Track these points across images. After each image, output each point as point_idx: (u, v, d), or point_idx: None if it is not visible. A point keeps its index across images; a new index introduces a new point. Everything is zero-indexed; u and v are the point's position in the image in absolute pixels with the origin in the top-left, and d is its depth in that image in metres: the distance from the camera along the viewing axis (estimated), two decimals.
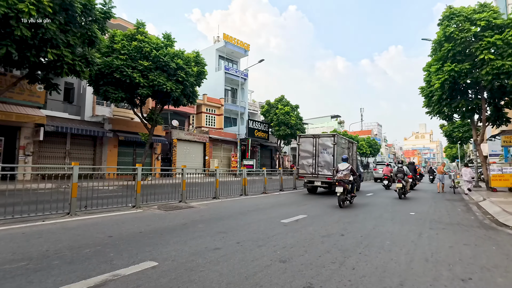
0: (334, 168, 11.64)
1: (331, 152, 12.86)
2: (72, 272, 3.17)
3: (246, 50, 35.58)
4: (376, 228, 5.97)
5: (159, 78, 15.93)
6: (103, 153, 20.10)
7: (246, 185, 11.84)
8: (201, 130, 29.01)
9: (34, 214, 5.90)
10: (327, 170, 12.80)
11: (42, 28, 10.39)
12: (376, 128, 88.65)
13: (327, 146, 13.08)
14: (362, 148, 51.04)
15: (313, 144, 13.43)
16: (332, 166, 12.49)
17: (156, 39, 17.11)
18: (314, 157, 13.27)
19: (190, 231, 5.26)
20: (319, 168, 13.09)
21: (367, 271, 3.46)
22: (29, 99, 15.73)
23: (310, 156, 13.41)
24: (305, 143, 13.76)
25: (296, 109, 32.60)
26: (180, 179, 9.26)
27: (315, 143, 13.41)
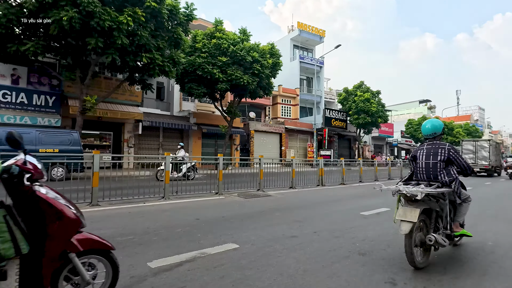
0: (490, 160, 18.64)
1: (487, 150, 19.45)
2: (167, 248, 3.64)
3: (321, 36, 34.44)
4: (475, 227, 5.23)
5: (236, 73, 16.65)
6: (189, 144, 22.10)
7: (323, 176, 11.63)
8: (277, 121, 29.39)
9: (137, 197, 6.91)
10: (484, 161, 19.37)
11: (137, 36, 11.85)
12: (477, 112, 76.64)
13: (484, 146, 19.66)
14: (459, 136, 44.78)
15: (473, 145, 20.16)
16: (488, 159, 19.14)
17: (233, 35, 17.87)
18: (474, 153, 19.95)
19: (268, 218, 5.46)
20: (478, 160, 19.69)
21: (462, 273, 3.10)
22: (129, 98, 18.21)
23: (471, 152, 19.97)
24: (467, 145, 20.61)
25: (377, 95, 30.42)
26: (257, 168, 9.62)
27: (475, 145, 20.25)
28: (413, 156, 3.74)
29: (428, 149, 3.55)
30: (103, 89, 16.68)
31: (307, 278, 2.85)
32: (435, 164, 3.45)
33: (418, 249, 3.21)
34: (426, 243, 3.19)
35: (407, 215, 3.07)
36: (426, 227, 3.29)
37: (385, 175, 16.07)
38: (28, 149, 2.04)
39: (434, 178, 3.45)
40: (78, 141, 11.55)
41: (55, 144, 10.89)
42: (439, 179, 3.39)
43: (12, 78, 14.57)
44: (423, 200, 3.14)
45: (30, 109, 14.92)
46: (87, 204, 6.18)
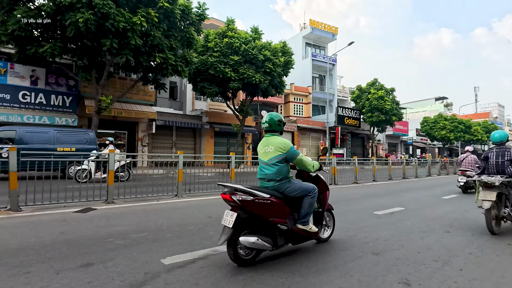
0: None
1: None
2: (180, 245, 3.69)
3: (334, 34, 34.07)
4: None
5: (248, 71, 16.67)
6: (202, 143, 22.29)
7: (336, 175, 11.53)
8: (289, 120, 29.28)
9: (151, 195, 7.03)
10: None
11: (150, 36, 12.03)
12: (497, 109, 74.18)
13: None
14: (477, 134, 43.49)
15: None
16: None
17: (245, 33, 17.89)
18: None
19: None
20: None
21: (479, 275, 3.02)
22: (143, 98, 18.51)
23: None
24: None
25: (391, 92, 29.90)
26: None
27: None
28: (485, 157, 5.08)
29: (497, 151, 4.94)
30: (117, 89, 17.02)
31: (320, 277, 2.84)
32: (503, 162, 4.83)
33: (493, 221, 4.60)
34: (500, 216, 4.69)
35: (487, 196, 4.50)
36: (497, 206, 4.68)
37: (400, 174, 15.79)
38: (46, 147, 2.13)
39: (502, 172, 4.80)
40: (94, 140, 11.82)
41: (72, 143, 11.18)
42: (506, 172, 4.75)
43: (31, 79, 15.04)
44: (498, 186, 4.56)
45: (49, 109, 15.37)
46: (103, 201, 6.33)
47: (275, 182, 3.29)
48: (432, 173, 18.43)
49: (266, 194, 3.12)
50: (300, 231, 3.30)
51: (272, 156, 3.35)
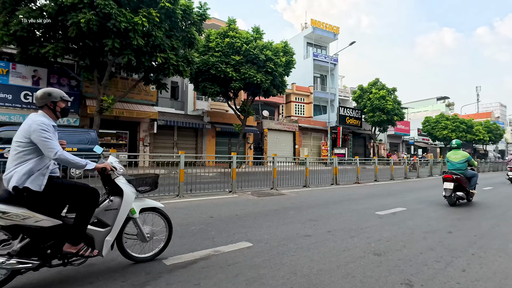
0: None
1: None
2: (182, 245, 3.69)
3: (335, 33, 34.01)
4: (496, 228, 5.08)
5: (250, 71, 16.66)
6: (203, 143, 22.29)
7: (337, 174, 11.51)
8: (291, 119, 29.26)
9: (152, 195, 7.02)
10: None
11: (152, 36, 12.03)
12: (499, 109, 73.81)
13: None
14: (479, 134, 43.33)
15: None
16: None
17: (246, 33, 17.87)
18: None
19: (282, 217, 5.45)
20: None
21: (482, 275, 3.01)
22: (145, 98, 18.53)
23: None
24: None
25: (393, 92, 29.82)
26: (271, 167, 9.61)
27: None
28: None
29: None
30: (119, 89, 17.04)
31: (322, 278, 2.84)
32: None
33: None
34: None
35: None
36: None
37: (402, 174, 15.75)
38: None
39: None
40: (95, 140, 11.84)
41: (74, 143, 11.19)
42: None
43: (33, 80, 15.07)
44: None
45: None
46: None
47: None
48: (434, 173, 18.36)
49: None
50: None
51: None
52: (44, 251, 2.49)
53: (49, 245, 2.51)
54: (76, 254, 2.57)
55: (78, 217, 2.59)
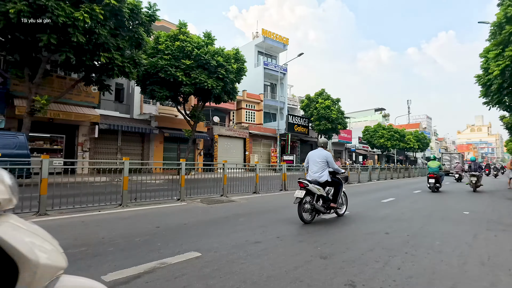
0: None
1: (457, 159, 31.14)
2: (124, 259, 3.43)
3: (285, 44, 35.28)
4: (425, 227, 5.63)
5: (201, 76, 16.43)
6: (150, 148, 21.32)
7: (286, 180, 11.82)
8: (241, 126, 29.46)
9: (91, 204, 6.47)
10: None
11: (95, 34, 11.23)
12: (425, 121, 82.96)
13: (455, 157, 31.66)
14: (410, 142, 48.11)
15: (449, 156, 32.28)
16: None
17: (197, 38, 17.64)
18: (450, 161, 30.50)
19: (232, 224, 5.40)
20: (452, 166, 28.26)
21: (415, 272, 3.29)
22: (85, 99, 17.16)
23: (448, 160, 30.87)
24: (445, 156, 32.54)
25: (337, 103, 31.70)
26: (221, 174, 9.51)
27: (450, 156, 32.26)
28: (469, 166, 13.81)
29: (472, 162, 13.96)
30: (55, 88, 15.54)
31: (271, 284, 2.85)
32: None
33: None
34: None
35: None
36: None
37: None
38: None
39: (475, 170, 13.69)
40: (25, 144, 10.60)
41: None
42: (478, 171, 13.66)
43: None
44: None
45: None
46: (34, 213, 5.66)
47: None
48: (372, 178, 19.87)
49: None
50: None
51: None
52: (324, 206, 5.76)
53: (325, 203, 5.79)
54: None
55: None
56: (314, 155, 6.21)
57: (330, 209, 6.00)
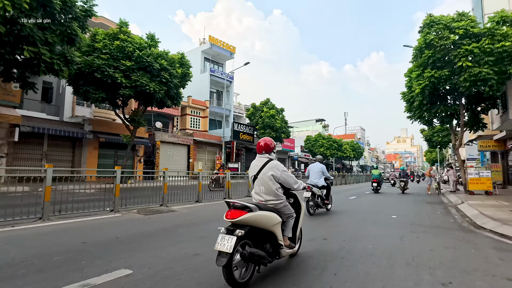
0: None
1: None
2: (38, 282, 2.97)
3: (232, 52, 35.52)
4: (359, 232, 5.97)
5: (142, 79, 15.59)
6: (83, 155, 19.48)
7: (230, 188, 11.69)
8: (186, 133, 28.65)
9: (3, 219, 5.57)
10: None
11: (18, 25, 9.97)
12: (360, 132, 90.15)
13: (387, 165, 76.01)
14: (346, 151, 51.70)
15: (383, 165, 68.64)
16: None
17: (140, 39, 16.79)
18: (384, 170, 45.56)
19: (170, 236, 5.10)
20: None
21: (349, 277, 3.41)
22: (3, 98, 15.05)
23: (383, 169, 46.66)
24: (380, 165, 61.88)
25: (281, 112, 32.76)
26: (162, 182, 9.03)
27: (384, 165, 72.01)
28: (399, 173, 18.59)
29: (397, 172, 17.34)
30: None
31: None
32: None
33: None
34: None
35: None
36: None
37: None
38: None
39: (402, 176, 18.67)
40: None
41: None
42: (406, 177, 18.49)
43: None
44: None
45: None
46: None
47: None
48: None
49: None
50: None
51: None
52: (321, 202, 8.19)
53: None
54: None
55: None
56: (314, 167, 8.44)
57: (324, 205, 8.35)
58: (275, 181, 3.53)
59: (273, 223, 3.29)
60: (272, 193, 3.48)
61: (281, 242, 3.40)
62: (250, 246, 3.07)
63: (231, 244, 2.81)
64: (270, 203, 3.47)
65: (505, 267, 3.84)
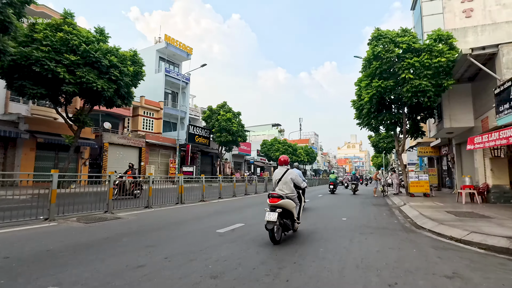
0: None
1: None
2: None
3: (188, 53, 34.73)
4: (312, 235, 6.03)
5: (89, 75, 14.47)
6: (17, 157, 17.48)
7: (183, 193, 11.25)
8: (137, 134, 27.23)
9: None
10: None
11: None
12: (313, 137, 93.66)
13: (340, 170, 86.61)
14: (301, 156, 53.24)
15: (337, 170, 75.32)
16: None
17: (87, 32, 15.59)
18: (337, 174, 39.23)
19: (111, 247, 4.66)
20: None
21: (301, 282, 3.36)
22: None
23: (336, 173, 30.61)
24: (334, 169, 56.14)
25: (238, 116, 32.68)
26: (107, 186, 8.35)
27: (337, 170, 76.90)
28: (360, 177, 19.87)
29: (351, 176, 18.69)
30: None
31: None
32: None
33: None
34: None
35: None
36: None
37: (243, 191, 17.11)
38: None
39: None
40: None
41: None
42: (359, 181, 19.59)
43: None
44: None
45: None
46: None
47: None
48: (268, 189, 20.95)
49: None
50: None
51: None
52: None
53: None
54: None
55: None
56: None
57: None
58: (293, 182, 5.62)
59: (293, 207, 5.49)
60: (290, 189, 5.55)
61: (296, 219, 5.71)
62: (281, 219, 5.22)
63: (275, 217, 4.91)
64: (289, 195, 5.50)
65: (443, 265, 4.09)
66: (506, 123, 9.94)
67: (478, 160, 13.68)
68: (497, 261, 4.37)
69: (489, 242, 5.16)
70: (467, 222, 7.07)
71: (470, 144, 10.76)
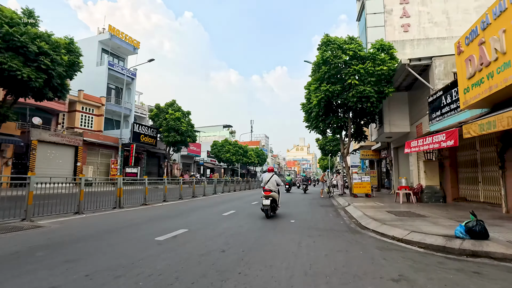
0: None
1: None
2: None
3: (135, 47, 32.71)
4: (259, 240, 5.74)
5: (12, 62, 12.65)
6: None
7: (122, 196, 10.25)
8: (74, 132, 24.74)
9: None
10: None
11: None
12: (264, 139, 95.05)
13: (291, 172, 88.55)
14: (251, 157, 53.44)
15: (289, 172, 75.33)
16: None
17: (12, 13, 13.66)
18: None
19: (20, 264, 3.84)
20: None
21: None
22: None
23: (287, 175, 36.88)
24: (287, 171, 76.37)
25: (187, 115, 31.59)
26: (26, 190, 7.16)
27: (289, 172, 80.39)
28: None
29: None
30: None
31: None
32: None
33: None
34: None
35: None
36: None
37: (190, 193, 16.36)
38: None
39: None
40: None
41: None
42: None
43: None
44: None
45: None
46: None
47: None
48: (217, 191, 20.42)
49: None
50: None
51: None
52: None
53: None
54: None
55: None
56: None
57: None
58: (276, 182, 8.96)
59: (277, 197, 9.02)
60: (274, 187, 8.85)
61: (278, 204, 9.27)
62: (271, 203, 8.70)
63: (268, 202, 8.52)
64: (273, 190, 8.76)
65: (389, 267, 4.06)
66: (438, 128, 10.81)
67: (413, 162, 14.79)
68: (436, 260, 4.50)
69: (428, 241, 5.36)
70: (406, 221, 7.40)
71: (407, 148, 11.51)
